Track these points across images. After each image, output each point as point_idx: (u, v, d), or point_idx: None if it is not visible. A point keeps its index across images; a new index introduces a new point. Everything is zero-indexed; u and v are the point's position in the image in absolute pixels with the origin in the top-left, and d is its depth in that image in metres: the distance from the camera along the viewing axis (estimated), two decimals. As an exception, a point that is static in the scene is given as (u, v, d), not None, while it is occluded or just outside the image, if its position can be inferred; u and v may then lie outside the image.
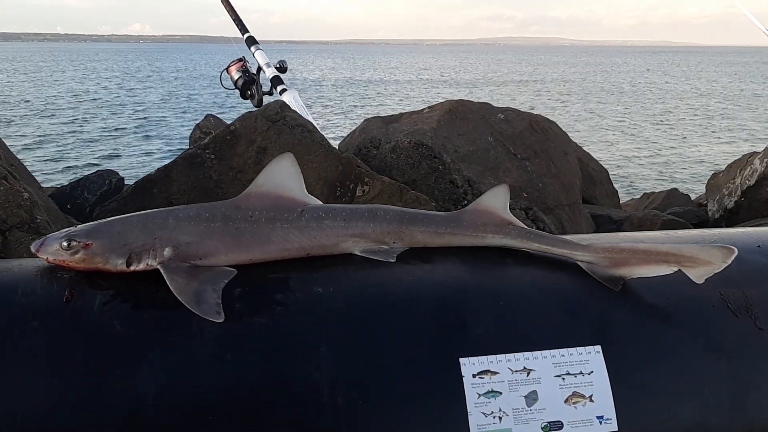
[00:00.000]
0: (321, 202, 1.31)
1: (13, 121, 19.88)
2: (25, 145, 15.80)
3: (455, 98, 5.31)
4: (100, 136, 17.82)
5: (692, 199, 7.08)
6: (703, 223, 5.66)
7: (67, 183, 4.31)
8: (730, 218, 5.51)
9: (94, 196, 3.78)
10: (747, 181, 5.49)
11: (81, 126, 19.54)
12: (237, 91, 4.87)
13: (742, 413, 1.17)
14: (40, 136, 17.38)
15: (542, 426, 1.08)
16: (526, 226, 1.33)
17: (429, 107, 5.03)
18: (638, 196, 8.22)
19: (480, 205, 1.33)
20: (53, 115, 21.68)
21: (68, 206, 3.61)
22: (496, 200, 1.33)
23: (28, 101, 26.07)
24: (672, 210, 5.91)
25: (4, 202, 2.30)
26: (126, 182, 4.21)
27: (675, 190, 7.21)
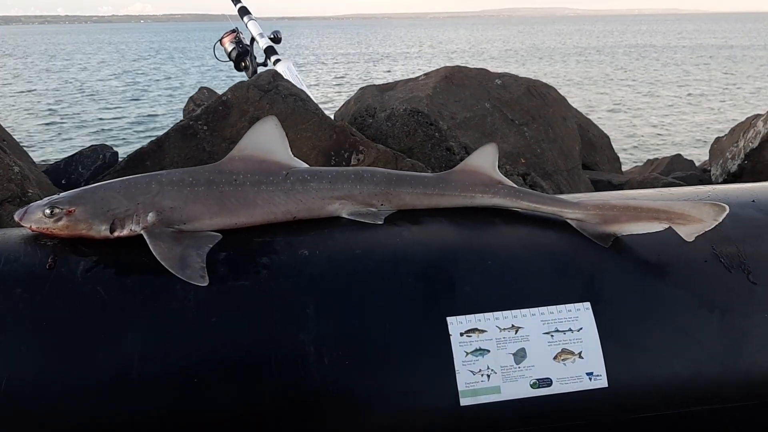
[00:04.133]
0: (307, 165, 1.29)
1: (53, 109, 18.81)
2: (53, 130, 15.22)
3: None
4: (134, 122, 17.04)
5: (696, 165, 6.99)
6: (705, 187, 5.60)
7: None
8: (733, 182, 5.45)
9: (88, 170, 3.76)
10: (750, 144, 5.43)
11: (115, 111, 18.63)
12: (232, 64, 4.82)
13: (734, 368, 1.16)
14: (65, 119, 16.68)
15: (531, 383, 1.07)
16: (515, 185, 1.30)
17: (425, 74, 4.95)
18: (641, 163, 8.12)
19: (468, 165, 1.31)
20: (85, 101, 20.75)
21: (63, 182, 3.60)
22: (485, 159, 1.30)
23: (79, 85, 24.89)
24: (675, 175, 5.85)
25: (-6, 176, 2.28)
26: (120, 157, 4.18)
27: (678, 155, 7.10)
